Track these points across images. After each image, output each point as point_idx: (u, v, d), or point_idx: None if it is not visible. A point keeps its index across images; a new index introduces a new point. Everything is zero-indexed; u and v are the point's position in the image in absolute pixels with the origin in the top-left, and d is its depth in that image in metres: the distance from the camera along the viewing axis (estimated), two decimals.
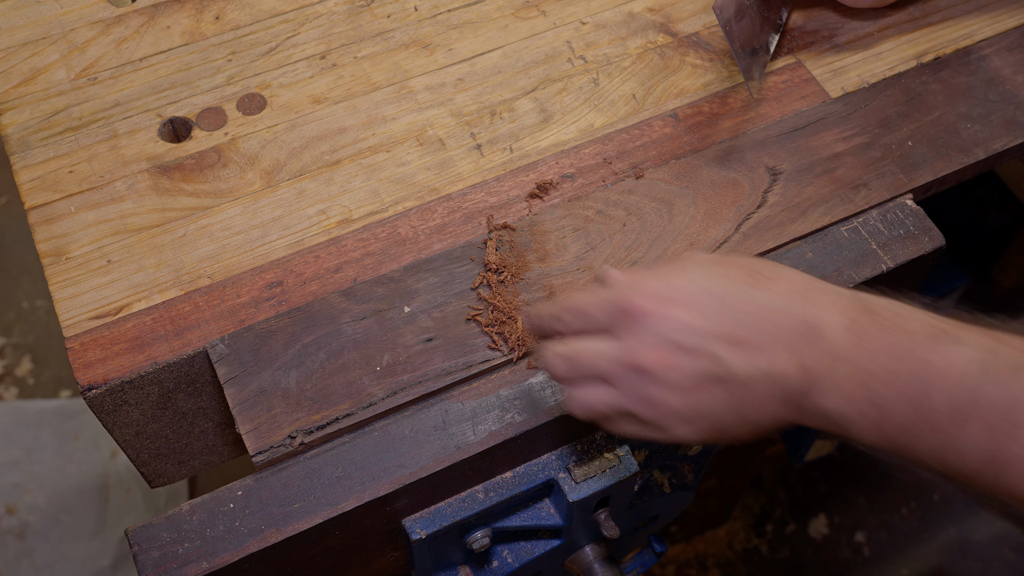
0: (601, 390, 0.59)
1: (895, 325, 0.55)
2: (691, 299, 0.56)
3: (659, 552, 0.99)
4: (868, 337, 0.55)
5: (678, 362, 0.56)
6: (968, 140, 0.86)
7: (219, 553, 0.66)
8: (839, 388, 0.55)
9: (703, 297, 0.56)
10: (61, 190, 0.81)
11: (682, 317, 0.56)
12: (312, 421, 0.70)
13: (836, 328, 0.55)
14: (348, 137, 0.85)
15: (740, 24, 0.81)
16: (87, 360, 0.72)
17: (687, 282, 0.57)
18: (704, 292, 0.56)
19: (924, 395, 0.52)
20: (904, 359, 0.53)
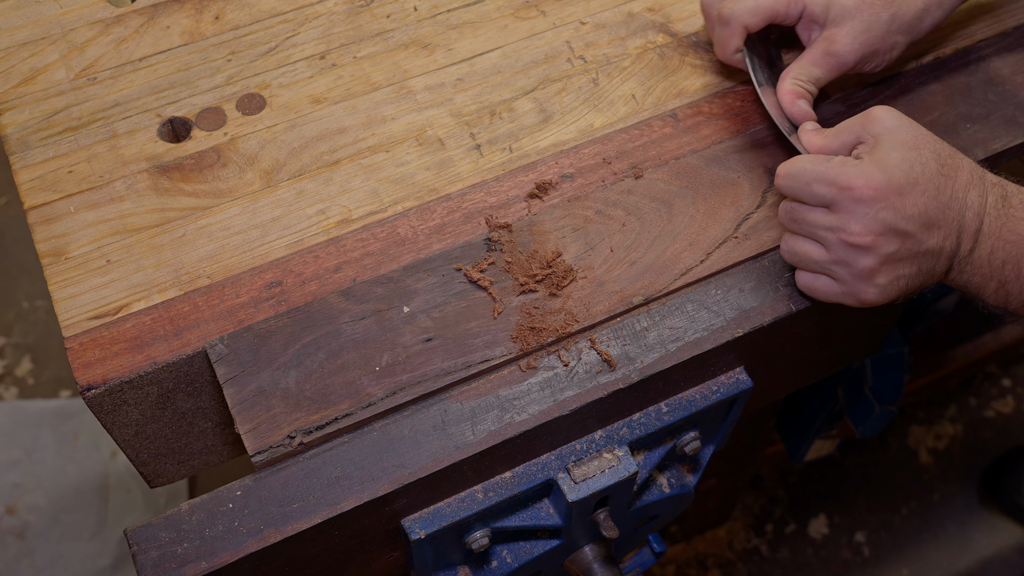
0: (813, 247, 0.71)
1: (1021, 216, 0.68)
2: (899, 188, 0.66)
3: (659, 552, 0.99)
4: (1003, 224, 0.69)
5: (887, 242, 0.67)
6: (968, 140, 0.86)
7: (218, 553, 0.66)
8: (978, 264, 0.70)
9: (907, 185, 0.66)
10: (61, 190, 0.81)
11: (893, 204, 0.66)
12: (311, 421, 0.70)
13: (988, 217, 0.69)
14: (348, 137, 0.85)
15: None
16: (87, 360, 0.72)
17: (895, 170, 0.66)
18: (908, 181, 0.66)
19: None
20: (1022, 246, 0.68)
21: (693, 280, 0.78)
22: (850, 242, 0.67)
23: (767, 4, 0.80)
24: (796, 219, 0.71)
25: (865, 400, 1.34)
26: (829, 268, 0.70)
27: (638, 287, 0.77)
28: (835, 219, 0.68)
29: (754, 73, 0.83)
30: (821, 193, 0.68)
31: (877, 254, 0.67)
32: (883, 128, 0.69)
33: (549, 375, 0.73)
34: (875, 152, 0.68)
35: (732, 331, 0.76)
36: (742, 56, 0.84)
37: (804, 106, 0.80)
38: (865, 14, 0.79)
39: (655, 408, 0.78)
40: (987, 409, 1.90)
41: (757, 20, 0.81)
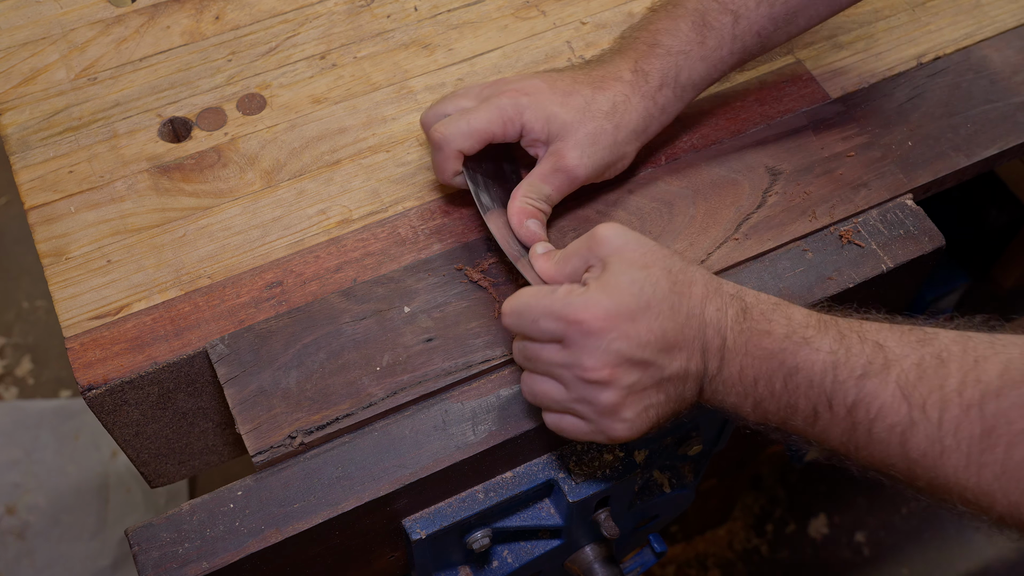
0: (552, 386, 0.65)
1: (764, 329, 0.63)
2: (630, 313, 0.61)
3: (659, 552, 0.99)
4: (748, 339, 0.63)
5: (625, 373, 0.62)
6: (968, 140, 0.86)
7: (219, 553, 0.66)
8: (729, 383, 0.64)
9: (639, 310, 0.62)
10: (61, 190, 0.81)
11: (625, 332, 0.61)
12: (312, 421, 0.70)
13: (730, 332, 0.64)
14: (348, 137, 0.85)
15: None
16: (87, 360, 0.72)
17: (624, 294, 0.62)
18: (640, 304, 0.62)
19: (789, 397, 0.62)
20: (771, 362, 0.62)
21: None
22: (586, 378, 0.62)
23: (481, 126, 0.73)
24: (529, 358, 0.66)
25: None
26: (572, 407, 0.64)
27: None
28: (568, 355, 0.62)
29: (477, 197, 0.76)
30: (550, 329, 0.63)
31: (618, 387, 0.62)
32: (610, 249, 0.64)
33: None
34: (603, 277, 0.63)
35: None
36: (463, 179, 0.77)
37: (534, 227, 0.73)
38: (589, 126, 0.74)
39: None
40: None
41: (472, 143, 0.74)
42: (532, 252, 0.72)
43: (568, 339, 0.62)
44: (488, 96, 0.76)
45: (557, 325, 0.62)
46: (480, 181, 0.77)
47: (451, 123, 0.74)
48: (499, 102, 0.74)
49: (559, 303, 0.62)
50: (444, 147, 0.74)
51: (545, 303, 0.63)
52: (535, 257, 0.71)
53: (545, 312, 0.63)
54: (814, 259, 0.80)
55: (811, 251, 0.80)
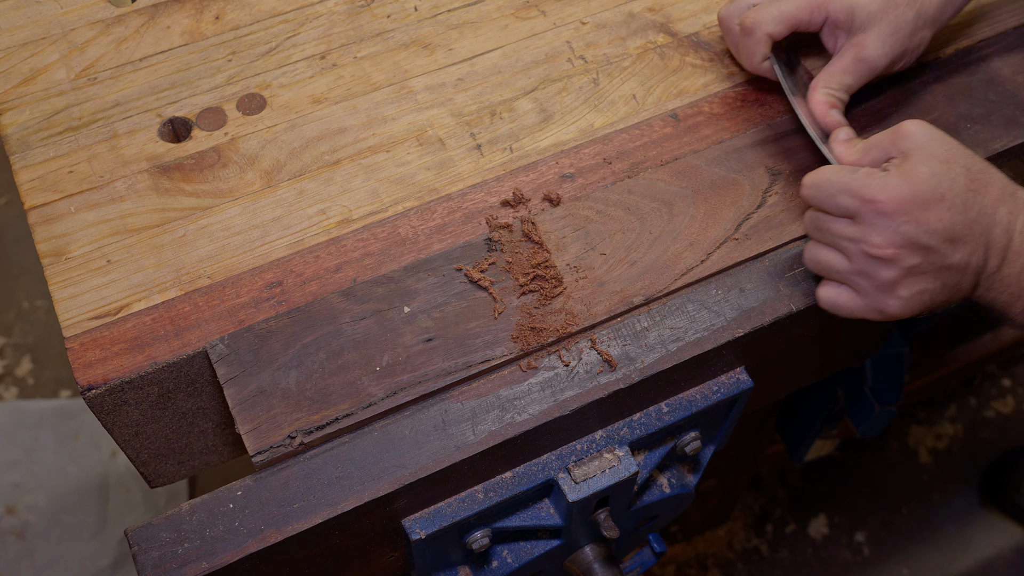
0: (835, 256, 0.70)
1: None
2: (924, 201, 0.66)
3: (659, 552, 0.99)
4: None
5: (909, 256, 0.67)
6: (968, 140, 0.86)
7: (219, 553, 0.66)
8: (1006, 282, 0.69)
9: (933, 200, 0.66)
10: (61, 190, 0.81)
11: (916, 217, 0.66)
12: (312, 421, 0.70)
13: (1018, 234, 0.68)
14: (348, 137, 0.85)
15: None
16: (87, 360, 0.72)
17: (921, 184, 0.66)
18: (935, 195, 0.66)
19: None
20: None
21: (694, 280, 0.78)
22: (871, 254, 0.67)
23: (790, 11, 0.80)
24: (820, 228, 0.71)
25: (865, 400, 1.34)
26: (851, 279, 0.70)
27: (639, 287, 0.77)
28: (857, 231, 0.68)
29: (784, 81, 0.82)
30: (845, 204, 0.68)
31: (899, 266, 0.67)
32: (914, 143, 0.69)
33: (550, 375, 0.73)
34: (903, 165, 0.68)
35: (732, 331, 0.76)
36: (769, 64, 0.83)
37: (837, 116, 0.79)
38: (891, 16, 0.78)
39: (656, 408, 0.78)
40: (987, 409, 1.90)
41: (781, 28, 0.81)
42: (834, 137, 0.76)
43: (861, 216, 0.67)
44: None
45: (853, 202, 0.67)
46: (784, 68, 0.83)
47: (763, 9, 0.81)
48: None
49: (858, 182, 0.67)
50: (755, 31, 0.81)
51: (845, 180, 0.68)
52: (837, 142, 0.76)
53: (844, 188, 0.68)
54: None
55: None
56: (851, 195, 0.67)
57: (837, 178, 0.69)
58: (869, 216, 0.67)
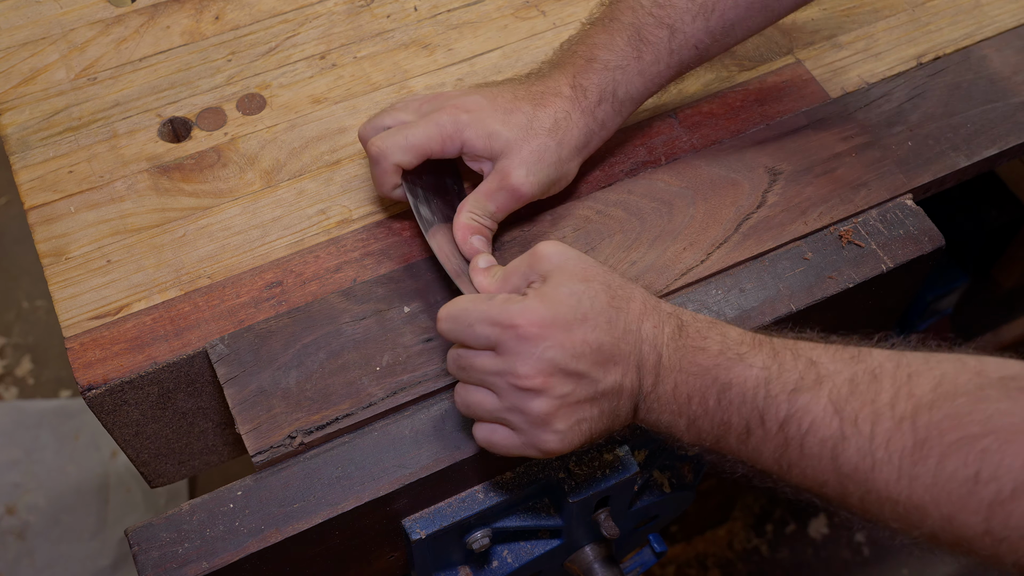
0: (484, 396, 0.64)
1: (699, 345, 0.63)
2: (567, 323, 0.61)
3: (659, 552, 0.99)
4: (682, 356, 0.63)
5: (559, 384, 0.61)
6: (968, 140, 0.86)
7: (219, 553, 0.66)
8: (663, 401, 0.64)
9: (576, 320, 0.61)
10: (61, 190, 0.81)
11: (560, 341, 0.61)
12: (312, 421, 0.70)
13: (666, 348, 0.63)
14: (348, 137, 0.85)
15: None
16: (87, 360, 0.72)
17: (561, 305, 0.61)
18: (577, 316, 0.61)
19: (723, 414, 0.61)
20: (705, 378, 0.62)
21: (693, 280, 0.78)
22: (519, 385, 0.61)
23: (418, 142, 0.73)
24: (463, 366, 0.64)
25: None
26: (504, 417, 0.63)
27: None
28: (502, 362, 0.61)
29: (417, 212, 0.75)
30: (485, 334, 0.62)
31: (550, 396, 0.61)
32: (551, 265, 0.64)
33: None
34: (542, 288, 0.62)
35: None
36: (402, 193, 0.76)
37: (478, 243, 0.73)
38: (533, 144, 0.73)
39: None
40: None
41: (409, 158, 0.73)
42: (473, 265, 0.71)
43: (502, 345, 0.61)
44: (428, 112, 0.75)
45: (492, 330, 0.61)
46: (420, 195, 0.76)
47: (389, 137, 0.74)
48: (438, 118, 0.73)
49: (495, 308, 0.62)
50: (381, 161, 0.74)
51: (482, 308, 0.62)
52: (476, 271, 0.70)
53: (481, 317, 0.62)
54: (814, 259, 0.80)
55: (811, 251, 0.80)
56: (490, 323, 0.61)
57: (473, 307, 0.63)
58: (511, 344, 0.61)
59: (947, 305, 1.47)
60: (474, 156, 0.75)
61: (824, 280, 0.78)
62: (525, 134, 0.73)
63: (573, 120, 0.75)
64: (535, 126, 0.74)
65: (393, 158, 0.73)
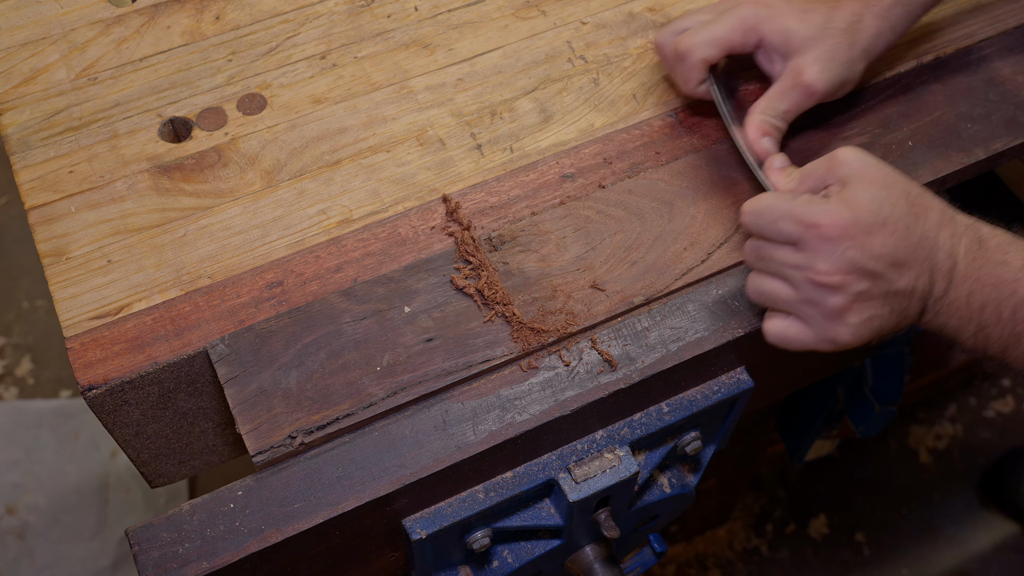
0: (780, 286, 0.68)
1: (1000, 259, 0.66)
2: (867, 226, 0.64)
3: (659, 552, 0.99)
4: (980, 267, 0.66)
5: (856, 282, 0.65)
6: (968, 140, 0.86)
7: (219, 553, 0.66)
8: (954, 307, 0.67)
9: (876, 224, 0.65)
10: (61, 190, 0.81)
11: (861, 242, 0.64)
12: (312, 421, 0.70)
13: (962, 258, 0.67)
14: (348, 137, 0.85)
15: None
16: (87, 360, 0.72)
17: (863, 209, 0.65)
18: (877, 220, 0.65)
19: (1018, 325, 0.65)
20: (1002, 290, 0.66)
21: (694, 280, 0.78)
22: (817, 281, 0.65)
23: (723, 35, 0.78)
24: (762, 257, 0.69)
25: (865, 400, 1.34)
26: (798, 308, 0.68)
27: (639, 287, 0.77)
28: (802, 257, 0.66)
29: (722, 106, 0.81)
30: (787, 230, 0.66)
31: (846, 293, 0.65)
32: (851, 170, 0.67)
33: (550, 375, 0.73)
34: (844, 191, 0.66)
35: (733, 331, 0.76)
36: (706, 88, 0.82)
37: (768, 144, 0.77)
38: (828, 42, 0.77)
39: (656, 408, 0.78)
40: (987, 409, 1.90)
41: (715, 52, 0.79)
42: (768, 164, 0.75)
43: (804, 242, 0.65)
44: (727, 8, 0.79)
45: (795, 228, 0.65)
46: (723, 91, 0.82)
47: (695, 33, 0.79)
48: (739, 12, 0.78)
49: (800, 208, 0.66)
50: (689, 56, 0.79)
51: (787, 206, 0.66)
52: (772, 170, 0.74)
53: (786, 214, 0.66)
54: None
55: None
56: (794, 221, 0.66)
57: (778, 203, 0.67)
58: (813, 242, 0.65)
59: None
60: (769, 52, 0.79)
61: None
62: (821, 32, 0.76)
63: (867, 21, 0.78)
64: (830, 25, 0.77)
65: (700, 53, 0.79)
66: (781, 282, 0.68)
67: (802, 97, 0.78)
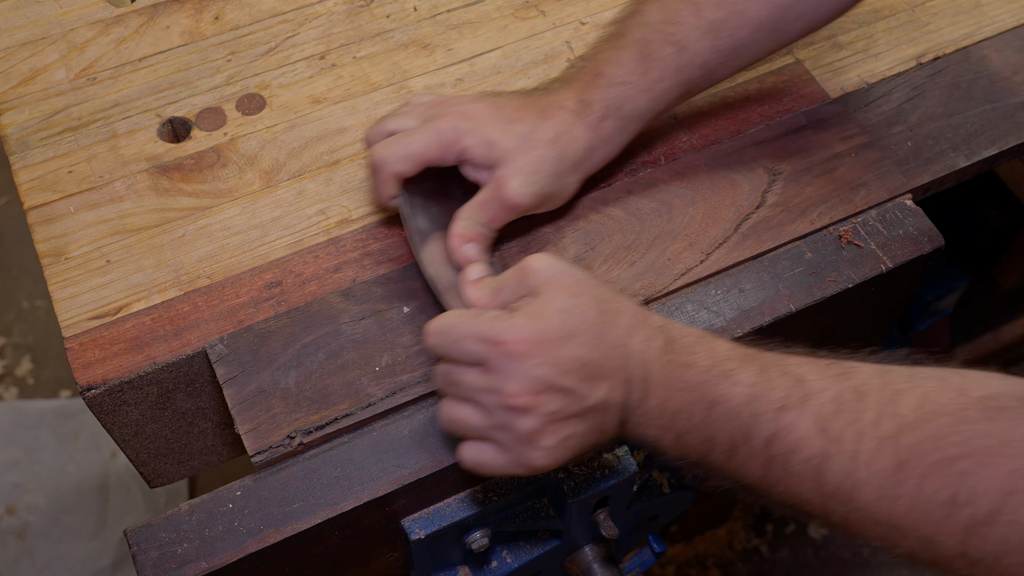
0: (471, 412, 0.63)
1: (688, 361, 0.62)
2: (555, 340, 0.60)
3: (658, 552, 0.99)
4: (671, 372, 0.62)
5: (547, 401, 0.60)
6: (968, 140, 0.86)
7: (218, 553, 0.66)
8: (651, 416, 0.63)
9: (564, 337, 0.61)
10: (60, 190, 0.81)
11: (549, 358, 0.60)
12: (311, 421, 0.70)
13: (654, 362, 0.62)
14: (348, 137, 0.85)
15: None
16: (86, 360, 0.72)
17: (550, 322, 0.61)
18: (565, 331, 0.61)
19: (709, 430, 0.61)
20: (693, 394, 0.61)
21: (693, 280, 0.78)
22: (507, 404, 0.60)
23: (417, 151, 0.72)
24: (450, 381, 0.64)
25: None
26: (490, 434, 0.62)
27: (638, 287, 0.77)
28: (489, 379, 0.61)
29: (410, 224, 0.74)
30: (473, 350, 0.61)
31: (538, 413, 0.60)
32: (541, 279, 0.63)
33: None
34: (532, 304, 0.62)
35: (732, 331, 0.76)
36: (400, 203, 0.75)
37: (471, 251, 0.72)
38: (532, 155, 0.72)
39: None
40: None
41: (409, 167, 0.73)
42: (464, 276, 0.70)
43: (491, 362, 0.61)
44: (429, 118, 0.74)
45: (480, 347, 0.61)
46: (419, 204, 0.75)
47: (388, 145, 0.73)
48: (438, 125, 0.72)
49: (484, 325, 0.61)
50: (381, 170, 0.73)
51: (470, 324, 0.62)
52: (467, 283, 0.69)
53: (469, 333, 0.62)
54: (813, 259, 0.80)
55: (810, 251, 0.80)
56: (478, 339, 0.61)
57: (461, 322, 0.63)
58: (499, 361, 0.60)
59: (947, 305, 1.47)
60: (473, 165, 0.74)
61: (824, 280, 0.78)
62: (525, 144, 0.72)
63: (575, 134, 0.74)
64: (536, 137, 0.73)
65: (392, 167, 0.73)
66: (471, 407, 0.63)
67: (502, 210, 0.73)
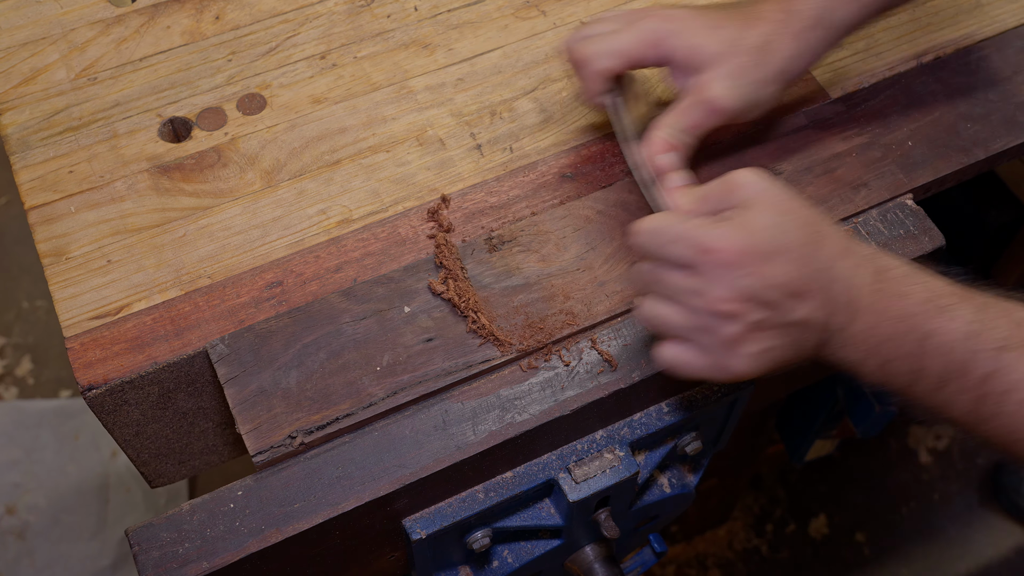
0: (673, 311, 0.64)
1: (902, 291, 0.63)
2: (764, 253, 0.61)
3: (659, 552, 0.99)
4: (882, 299, 0.63)
5: (752, 311, 0.62)
6: (968, 140, 0.86)
7: (219, 553, 0.66)
8: (855, 340, 0.64)
9: (774, 252, 0.62)
10: (61, 190, 0.81)
11: (757, 270, 0.61)
12: (312, 421, 0.70)
13: (862, 289, 0.63)
14: (348, 137, 0.85)
15: None
16: (87, 360, 0.72)
17: (760, 236, 0.62)
18: (775, 247, 0.62)
19: (919, 360, 0.62)
20: (906, 324, 0.62)
21: None
22: (713, 308, 0.62)
23: (625, 47, 0.73)
24: (655, 279, 0.65)
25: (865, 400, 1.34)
26: (692, 335, 0.64)
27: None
28: (697, 283, 0.62)
29: (616, 121, 0.75)
30: (681, 254, 0.62)
31: (742, 322, 0.62)
32: (750, 193, 0.63)
33: (550, 375, 0.73)
34: (743, 215, 0.63)
35: None
36: (609, 100, 0.76)
37: (671, 159, 0.73)
38: (737, 60, 0.73)
39: (656, 408, 0.78)
40: None
41: (616, 63, 0.73)
42: (667, 182, 0.71)
43: (699, 267, 0.62)
44: (634, 19, 0.75)
45: (690, 251, 0.62)
46: (622, 105, 0.76)
47: (594, 42, 0.74)
48: (645, 24, 0.74)
49: (695, 231, 0.62)
50: (586, 66, 0.75)
51: (681, 227, 0.63)
52: (671, 189, 0.71)
53: (680, 236, 0.62)
54: None
55: None
56: (688, 244, 0.62)
57: (672, 226, 0.63)
58: (708, 267, 0.61)
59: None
60: (675, 68, 0.74)
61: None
62: (730, 49, 0.73)
63: (782, 42, 0.74)
64: (742, 43, 0.73)
65: (599, 63, 0.73)
66: (675, 307, 0.64)
67: (705, 114, 0.73)
